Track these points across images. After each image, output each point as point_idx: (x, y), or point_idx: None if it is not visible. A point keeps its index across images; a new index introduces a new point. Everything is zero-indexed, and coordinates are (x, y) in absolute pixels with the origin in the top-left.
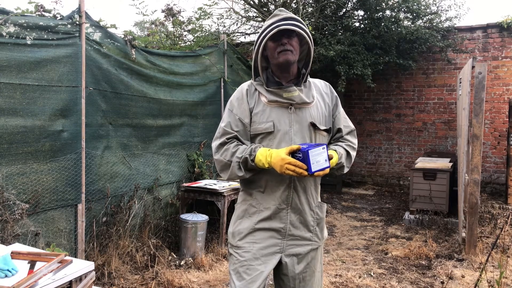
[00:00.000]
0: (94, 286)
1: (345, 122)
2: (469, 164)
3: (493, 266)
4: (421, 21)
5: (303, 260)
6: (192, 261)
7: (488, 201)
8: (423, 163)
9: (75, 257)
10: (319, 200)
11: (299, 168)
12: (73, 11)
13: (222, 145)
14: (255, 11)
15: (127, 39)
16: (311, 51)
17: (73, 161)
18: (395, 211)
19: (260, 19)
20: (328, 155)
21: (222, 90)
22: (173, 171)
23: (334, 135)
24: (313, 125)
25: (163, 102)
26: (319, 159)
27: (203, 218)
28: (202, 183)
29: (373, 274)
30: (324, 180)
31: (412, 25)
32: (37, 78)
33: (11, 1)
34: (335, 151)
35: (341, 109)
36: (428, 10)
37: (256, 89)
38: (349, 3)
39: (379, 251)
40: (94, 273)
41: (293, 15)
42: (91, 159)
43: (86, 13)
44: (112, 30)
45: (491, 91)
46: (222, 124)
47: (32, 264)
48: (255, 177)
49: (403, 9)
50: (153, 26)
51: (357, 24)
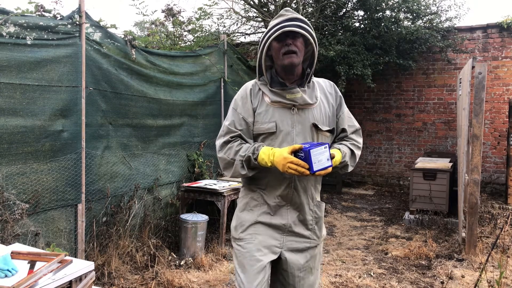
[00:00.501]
0: (94, 286)
1: (350, 121)
2: (469, 164)
3: (493, 266)
4: (421, 21)
5: (302, 257)
6: (192, 261)
7: (488, 201)
8: (423, 163)
9: (75, 257)
10: (318, 199)
11: (301, 167)
12: (73, 11)
13: (226, 143)
14: (255, 11)
15: (127, 39)
16: (316, 52)
17: (73, 161)
18: (395, 211)
19: (260, 19)
20: (330, 154)
21: (222, 90)
22: (173, 171)
23: (338, 135)
24: (315, 126)
25: (163, 102)
26: (321, 158)
27: (203, 218)
28: (202, 183)
29: (373, 274)
30: (324, 180)
31: (412, 25)
32: (37, 78)
33: (11, 1)
34: (339, 150)
35: (345, 109)
36: (428, 10)
37: (260, 89)
38: (349, 3)
39: (379, 251)
40: (94, 273)
41: (299, 16)
42: (91, 159)
43: (86, 13)
44: (112, 30)
45: (491, 91)
46: (226, 122)
47: (32, 264)
48: (257, 175)
49: (403, 9)
50: (153, 26)
51: (357, 24)
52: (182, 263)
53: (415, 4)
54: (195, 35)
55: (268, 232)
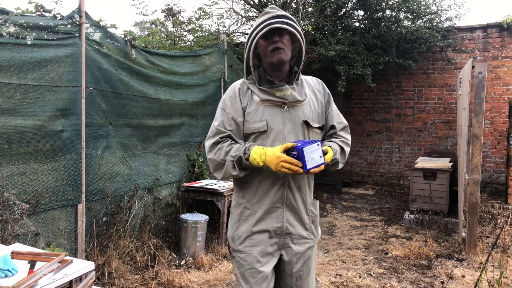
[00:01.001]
0: (94, 286)
1: (338, 118)
2: (469, 164)
3: (493, 266)
4: (421, 21)
5: (301, 258)
6: (192, 261)
7: (488, 201)
8: (423, 163)
9: (75, 257)
10: (312, 197)
11: (295, 165)
12: (73, 11)
13: (215, 144)
14: (255, 11)
15: (127, 39)
16: (303, 49)
17: (73, 161)
18: (395, 211)
19: None
20: (322, 151)
21: (222, 90)
22: (173, 171)
23: (327, 131)
24: (306, 123)
25: (163, 102)
26: (314, 156)
27: (203, 218)
28: (202, 183)
29: (373, 274)
30: (324, 180)
31: (412, 25)
32: (37, 78)
33: (11, 1)
34: (330, 147)
35: (333, 106)
36: (428, 10)
37: (248, 88)
38: (349, 3)
39: (379, 251)
40: (94, 273)
41: (285, 13)
42: (91, 159)
43: (86, 13)
44: (112, 30)
45: (491, 91)
46: (215, 123)
47: (32, 264)
48: (249, 176)
49: (403, 9)
50: (153, 26)
51: (357, 24)
52: (182, 263)
53: (415, 3)
54: (195, 35)
55: (265, 239)
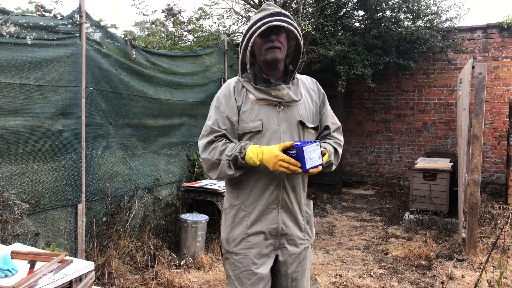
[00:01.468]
0: (94, 286)
1: (332, 119)
2: (469, 164)
3: (493, 266)
4: (421, 21)
5: (296, 259)
6: (192, 261)
7: (488, 201)
8: (423, 163)
9: (75, 257)
10: (306, 198)
11: (293, 165)
12: (74, 11)
13: (209, 143)
14: (255, 11)
15: (127, 39)
16: (301, 47)
17: (73, 161)
18: (395, 211)
19: None
20: (321, 151)
21: None
22: (173, 171)
23: (321, 132)
24: (301, 123)
25: (163, 102)
26: (313, 156)
27: (203, 218)
28: (202, 183)
29: (373, 274)
30: (324, 180)
31: (412, 25)
32: (37, 78)
33: (11, 1)
34: (325, 148)
35: (328, 106)
36: (428, 10)
37: (243, 86)
38: (349, 3)
39: (379, 251)
40: (94, 273)
41: (282, 10)
42: (91, 159)
43: (86, 13)
44: (112, 30)
45: (491, 91)
46: (209, 122)
47: (32, 264)
48: (243, 177)
49: (403, 10)
50: (154, 26)
51: (357, 24)
52: (182, 263)
53: (415, 4)
54: (195, 35)
55: (261, 241)
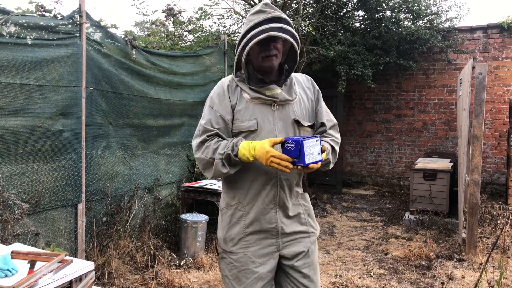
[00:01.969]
0: (94, 286)
1: (328, 116)
2: (469, 164)
3: (493, 266)
4: (421, 21)
5: (304, 255)
6: (192, 261)
7: (488, 201)
8: (423, 163)
9: (75, 257)
10: (301, 191)
11: (284, 161)
12: (74, 11)
13: (202, 143)
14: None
15: (127, 39)
16: (297, 51)
17: (73, 161)
18: (395, 211)
19: None
20: (321, 148)
21: None
22: (173, 171)
23: (317, 129)
24: (297, 122)
25: (164, 102)
26: (313, 151)
27: (203, 218)
28: (202, 183)
29: (373, 274)
30: (324, 180)
31: (412, 26)
32: (37, 78)
33: (11, 1)
34: (323, 145)
35: (323, 103)
36: (428, 10)
37: (237, 85)
38: (350, 3)
39: (379, 252)
40: (94, 273)
41: (280, 14)
42: (91, 159)
43: (86, 13)
44: (112, 30)
45: (492, 91)
46: (202, 121)
47: (32, 264)
48: (240, 177)
49: (403, 10)
50: (154, 26)
51: (358, 24)
52: (182, 263)
53: (416, 4)
54: (196, 35)
55: (260, 240)
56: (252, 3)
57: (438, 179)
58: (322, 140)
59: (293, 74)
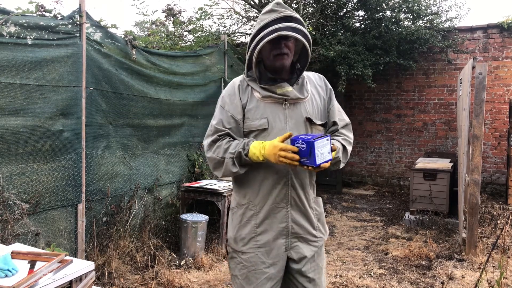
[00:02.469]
0: (94, 286)
1: (340, 115)
2: (469, 164)
3: (493, 266)
4: (421, 21)
5: (311, 258)
6: (192, 261)
7: (488, 201)
8: (423, 163)
9: (75, 257)
10: (315, 195)
11: (291, 152)
12: (74, 11)
13: (214, 142)
14: (256, 11)
15: (127, 39)
16: (309, 50)
17: (73, 161)
18: (395, 211)
19: None
20: (331, 147)
21: (222, 90)
22: (173, 171)
23: (329, 128)
24: (309, 120)
25: (164, 102)
26: (323, 151)
27: (203, 218)
28: (202, 183)
29: (373, 274)
30: (324, 180)
31: (412, 26)
32: (37, 78)
33: (11, 1)
34: (333, 144)
35: (335, 102)
36: (428, 10)
37: (248, 85)
38: (350, 3)
39: (379, 252)
40: (94, 273)
41: (292, 13)
42: (92, 159)
43: (86, 13)
44: (112, 30)
45: (492, 91)
46: (213, 121)
47: (32, 264)
48: (251, 176)
49: (403, 10)
50: (154, 26)
51: (358, 24)
52: (182, 263)
53: (416, 4)
54: (196, 35)
55: (271, 240)
56: (252, 2)
57: (438, 179)
58: (333, 139)
59: (305, 72)
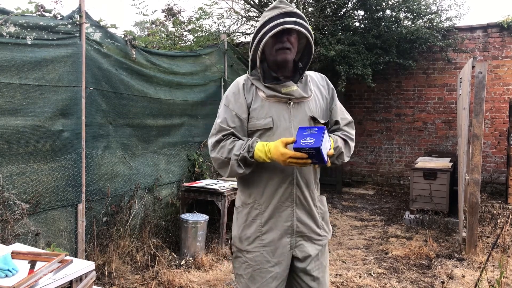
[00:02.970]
0: (94, 286)
1: (342, 114)
2: (469, 163)
3: (494, 266)
4: (421, 20)
5: (315, 257)
6: (192, 261)
7: (488, 200)
8: (423, 162)
9: (76, 257)
10: (319, 194)
11: (303, 160)
12: (73, 11)
13: (218, 142)
14: (255, 11)
15: (127, 39)
16: (312, 47)
17: (73, 161)
18: (395, 210)
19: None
20: (328, 136)
21: (222, 90)
22: (173, 171)
23: (331, 127)
24: (313, 119)
25: (163, 102)
26: (327, 145)
27: (203, 218)
28: (202, 183)
29: (374, 273)
30: (324, 180)
31: (412, 25)
32: (37, 78)
33: (11, 1)
34: (330, 136)
35: (337, 101)
36: (428, 10)
37: (252, 84)
38: (349, 3)
39: (380, 251)
40: (94, 273)
41: (294, 9)
42: (92, 159)
43: (86, 13)
44: (112, 30)
45: (491, 90)
46: (218, 120)
47: (32, 264)
48: (256, 175)
49: (403, 9)
50: (153, 26)
51: (357, 24)
52: (182, 263)
53: (415, 3)
54: (195, 35)
55: (276, 239)
56: (251, 2)
57: (438, 178)
58: (334, 135)
59: (307, 72)
